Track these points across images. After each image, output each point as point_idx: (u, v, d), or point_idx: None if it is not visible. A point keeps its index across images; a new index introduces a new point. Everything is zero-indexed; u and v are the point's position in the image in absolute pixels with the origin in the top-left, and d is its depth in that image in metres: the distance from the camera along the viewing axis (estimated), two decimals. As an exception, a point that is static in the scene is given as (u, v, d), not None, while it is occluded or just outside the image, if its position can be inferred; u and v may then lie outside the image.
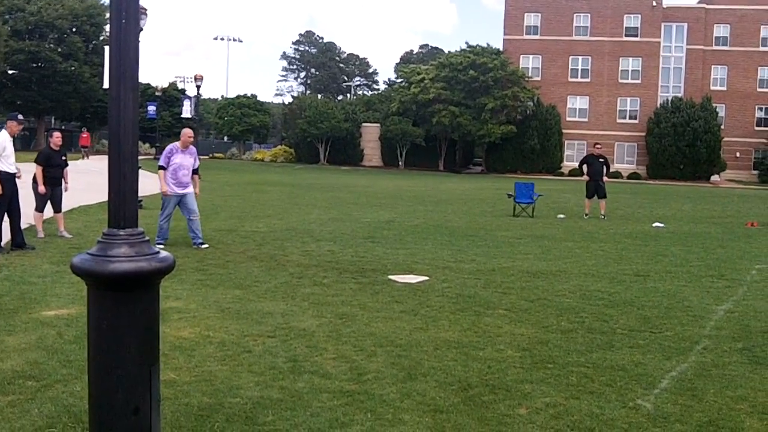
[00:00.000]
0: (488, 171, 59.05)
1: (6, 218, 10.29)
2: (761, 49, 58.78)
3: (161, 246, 10.62)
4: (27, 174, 11.62)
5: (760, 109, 59.31)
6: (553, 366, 5.52)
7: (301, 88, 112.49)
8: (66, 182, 12.05)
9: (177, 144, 11.34)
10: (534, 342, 6.20)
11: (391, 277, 9.15)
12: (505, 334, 6.46)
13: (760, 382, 5.28)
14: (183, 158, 11.25)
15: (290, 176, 39.91)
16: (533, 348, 6.01)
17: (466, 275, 9.49)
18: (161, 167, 11.27)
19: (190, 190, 11.33)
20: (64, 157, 12.02)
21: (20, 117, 11.10)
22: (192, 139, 11.41)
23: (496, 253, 11.84)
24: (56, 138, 11.92)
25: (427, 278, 9.13)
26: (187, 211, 11.24)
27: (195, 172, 11.55)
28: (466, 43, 60.85)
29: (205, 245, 11.15)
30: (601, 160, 19.83)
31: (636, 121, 59.25)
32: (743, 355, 5.98)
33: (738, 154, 58.13)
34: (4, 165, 10.21)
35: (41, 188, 11.44)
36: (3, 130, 10.59)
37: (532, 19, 61.31)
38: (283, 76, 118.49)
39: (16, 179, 10.61)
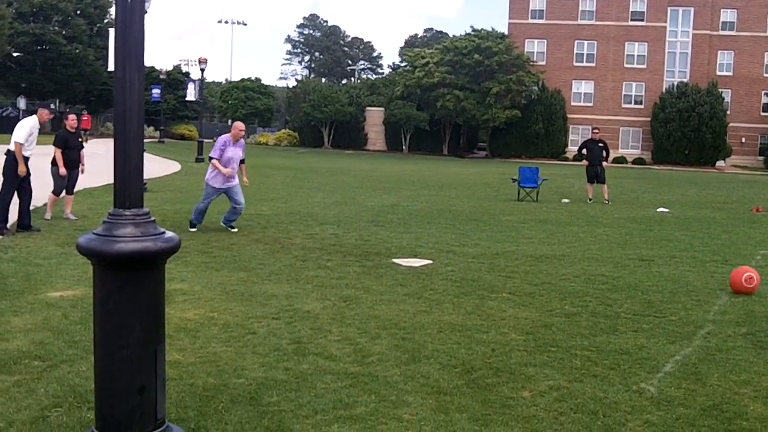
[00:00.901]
0: (492, 155, 58.90)
1: (16, 199, 10.35)
2: (768, 34, 58.37)
3: (194, 230, 10.87)
4: (43, 157, 11.59)
5: (767, 94, 58.95)
6: (557, 349, 5.53)
7: (305, 72, 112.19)
8: (83, 164, 12.06)
9: (228, 137, 11.13)
10: (538, 325, 6.21)
11: (395, 260, 9.15)
12: (509, 317, 6.47)
13: (764, 366, 5.29)
14: (234, 151, 11.09)
15: (294, 160, 39.87)
16: (537, 331, 6.02)
17: (470, 259, 9.49)
18: (216, 158, 11.00)
19: (236, 181, 11.25)
20: (80, 139, 12.05)
21: (52, 107, 11.22)
22: (243, 133, 11.28)
23: (500, 237, 11.83)
24: (71, 120, 11.92)
25: (431, 262, 9.13)
26: (234, 201, 11.13)
27: (242, 161, 11.42)
28: (471, 27, 60.66)
29: (235, 229, 11.20)
30: (600, 144, 19.77)
31: (641, 106, 58.96)
32: (747, 340, 5.99)
33: (743, 140, 57.85)
34: (24, 149, 10.31)
35: (62, 170, 11.45)
36: (34, 116, 10.67)
37: (537, 2, 60.89)
38: (287, 59, 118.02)
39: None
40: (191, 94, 50.35)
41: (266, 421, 3.94)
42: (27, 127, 10.36)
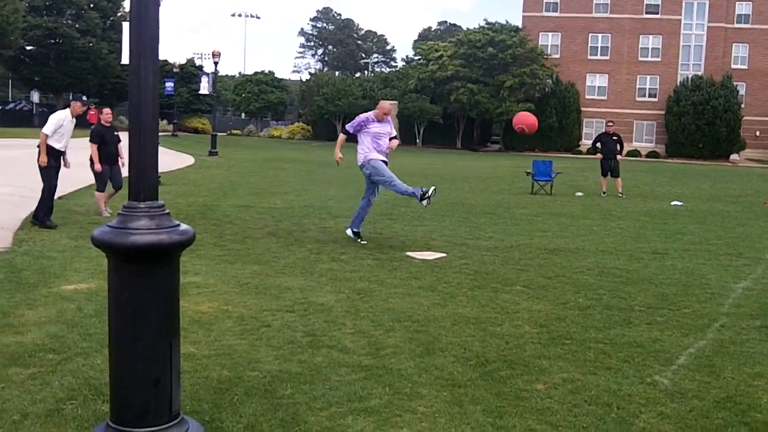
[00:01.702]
0: (506, 149, 58.74)
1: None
2: (784, 26, 57.80)
3: (354, 234, 9.92)
4: (78, 150, 11.57)
5: (782, 87, 58.46)
6: (571, 342, 5.51)
7: (319, 65, 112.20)
8: (122, 158, 11.92)
9: (372, 114, 10.05)
10: (552, 318, 6.20)
11: (408, 253, 9.15)
12: (523, 310, 6.46)
13: (777, 359, 5.26)
14: (382, 127, 9.93)
15: (307, 153, 39.94)
16: (551, 324, 6.01)
17: (483, 252, 9.48)
18: (344, 131, 10.13)
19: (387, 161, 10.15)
20: (116, 133, 11.92)
21: (84, 98, 11.28)
22: (388, 115, 10.14)
23: (513, 230, 11.81)
24: (106, 114, 11.80)
25: (444, 255, 9.13)
26: (373, 192, 10.26)
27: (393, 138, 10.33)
28: (485, 20, 60.43)
29: (364, 241, 9.92)
30: (614, 138, 19.71)
31: (655, 100, 58.59)
32: (761, 333, 5.96)
33: (758, 133, 57.35)
34: (53, 140, 10.40)
35: (97, 166, 11.44)
36: (66, 109, 10.74)
37: (552, -5, 60.68)
38: (300, 52, 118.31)
39: (64, 167, 10.80)
40: (204, 87, 50.53)
41: (281, 414, 3.96)
42: (55, 120, 10.44)
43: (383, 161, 9.89)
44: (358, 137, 9.95)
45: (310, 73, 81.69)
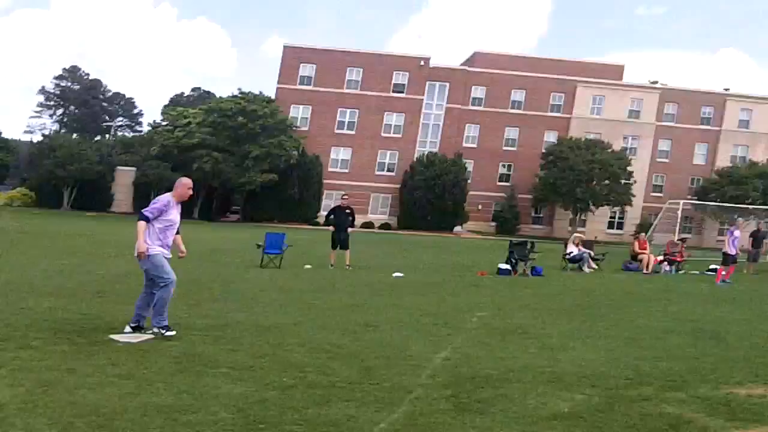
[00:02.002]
0: (246, 219, 58.65)
1: None
2: (510, 111, 65.05)
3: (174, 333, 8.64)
4: None
5: (503, 165, 65.46)
6: (265, 426, 5.38)
7: (56, 126, 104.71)
8: None
9: (172, 198, 8.87)
10: (251, 401, 6.02)
11: (112, 336, 8.50)
12: (223, 394, 6.21)
13: (461, 428, 5.54)
14: (176, 213, 8.87)
15: (24, 222, 36.64)
16: (249, 408, 5.83)
17: (195, 332, 9.10)
18: (145, 218, 8.59)
19: (169, 255, 8.92)
20: None
21: None
22: (191, 192, 9.09)
23: (233, 307, 11.55)
24: None
25: (152, 336, 8.62)
26: (151, 284, 8.86)
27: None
28: (239, 89, 60.71)
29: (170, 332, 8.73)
30: (347, 211, 20.47)
31: (393, 174, 62.48)
32: (450, 402, 6.25)
33: (480, 207, 63.31)
34: None
35: None
36: None
37: (307, 69, 62.80)
38: (37, 112, 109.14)
39: None
40: None
41: None
42: None
43: (166, 258, 8.84)
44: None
45: (43, 135, 75.99)
